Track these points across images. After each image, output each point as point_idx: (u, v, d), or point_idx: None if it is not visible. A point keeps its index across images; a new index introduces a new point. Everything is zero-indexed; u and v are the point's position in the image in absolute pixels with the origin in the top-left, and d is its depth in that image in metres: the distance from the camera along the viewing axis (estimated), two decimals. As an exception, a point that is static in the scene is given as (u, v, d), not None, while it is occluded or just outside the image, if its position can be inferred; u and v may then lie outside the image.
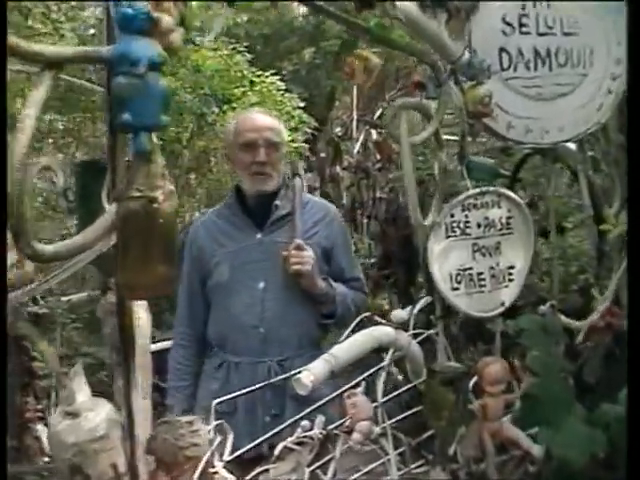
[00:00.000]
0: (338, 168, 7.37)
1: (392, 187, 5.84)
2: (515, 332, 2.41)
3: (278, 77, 7.55)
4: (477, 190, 2.28)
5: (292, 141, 6.71)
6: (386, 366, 2.28)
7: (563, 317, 2.55)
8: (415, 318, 2.35)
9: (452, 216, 2.26)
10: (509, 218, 2.36)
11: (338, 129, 8.79)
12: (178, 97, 6.18)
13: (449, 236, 2.26)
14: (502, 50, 2.40)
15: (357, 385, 2.27)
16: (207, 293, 2.78)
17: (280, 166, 2.79)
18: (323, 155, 7.86)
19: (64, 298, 5.33)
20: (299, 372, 1.96)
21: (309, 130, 7.17)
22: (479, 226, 2.30)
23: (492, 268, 2.33)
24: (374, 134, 6.68)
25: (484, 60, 2.10)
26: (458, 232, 2.27)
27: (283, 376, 2.43)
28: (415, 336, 2.35)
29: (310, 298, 2.77)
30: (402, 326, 2.27)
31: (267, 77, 7.42)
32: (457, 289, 2.27)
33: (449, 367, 2.35)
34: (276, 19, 10.29)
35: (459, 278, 2.27)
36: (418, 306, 2.35)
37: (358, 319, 2.27)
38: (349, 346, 2.08)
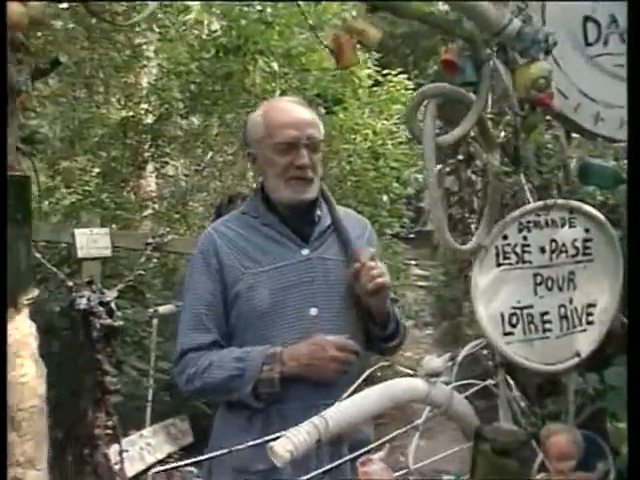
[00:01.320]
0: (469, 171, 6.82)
1: (515, 192, 5.20)
2: (597, 391, 1.85)
3: (405, 76, 7.14)
4: (540, 204, 1.73)
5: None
6: (420, 426, 1.79)
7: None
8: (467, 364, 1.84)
9: (505, 238, 1.72)
10: (587, 241, 1.79)
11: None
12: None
13: (501, 264, 1.73)
14: (587, 19, 1.85)
15: (381, 446, 1.79)
16: (234, 323, 2.22)
17: (320, 169, 2.28)
18: (460, 157, 7.32)
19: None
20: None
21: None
22: (543, 251, 1.75)
23: (563, 306, 1.77)
24: (502, 134, 6.07)
25: (539, 29, 1.55)
26: (514, 259, 1.73)
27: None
28: (465, 387, 1.83)
29: (362, 325, 2.26)
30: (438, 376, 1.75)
31: (395, 76, 7.03)
32: (511, 334, 1.73)
33: (504, 432, 1.80)
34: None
35: (514, 319, 1.73)
36: (464, 352, 1.82)
37: (375, 367, 1.76)
38: (354, 406, 1.60)
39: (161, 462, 5.00)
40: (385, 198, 6.31)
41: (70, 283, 4.15)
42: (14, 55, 4.77)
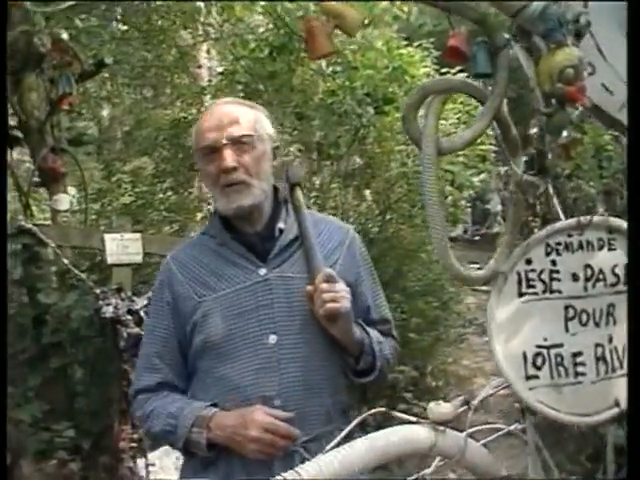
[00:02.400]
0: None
1: (576, 198, 4.85)
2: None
3: (465, 74, 6.83)
4: (571, 221, 1.43)
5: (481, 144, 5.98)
6: (428, 476, 1.53)
7: None
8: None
9: (529, 262, 1.43)
10: (631, 266, 1.48)
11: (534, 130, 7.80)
12: (337, 97, 5.63)
13: (524, 294, 1.44)
14: (637, 1, 1.54)
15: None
16: (190, 357, 1.97)
17: (261, 170, 1.95)
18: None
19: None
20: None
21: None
22: (576, 279, 1.45)
23: (600, 346, 1.47)
24: (564, 133, 5.68)
25: (568, 8, 1.25)
26: (540, 288, 1.44)
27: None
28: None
29: (335, 352, 1.97)
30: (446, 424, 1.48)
31: (454, 74, 6.71)
32: (535, 377, 1.44)
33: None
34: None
35: (539, 361, 1.44)
36: (480, 396, 1.54)
37: (366, 415, 1.49)
38: (337, 461, 1.33)
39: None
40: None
41: (97, 290, 3.98)
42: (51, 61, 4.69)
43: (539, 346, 1.44)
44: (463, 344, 6.93)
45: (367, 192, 6.61)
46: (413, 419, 1.46)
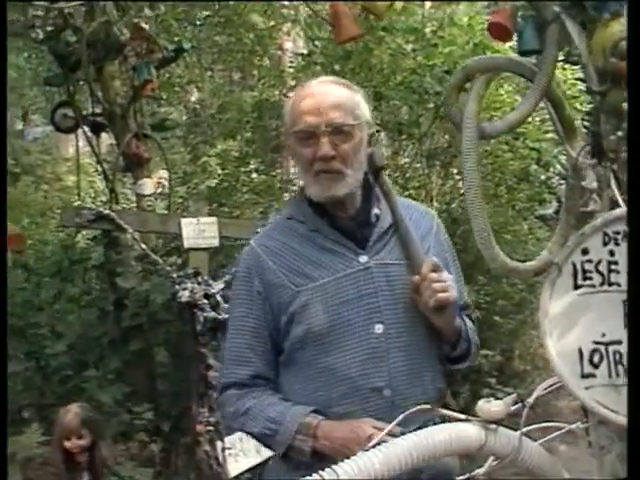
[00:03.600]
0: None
1: None
2: None
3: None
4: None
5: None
6: (480, 477, 1.46)
7: None
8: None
9: (585, 253, 1.33)
10: (701, 256, 1.35)
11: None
12: (417, 75, 5.51)
13: (580, 286, 1.34)
14: None
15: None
16: (287, 349, 1.88)
17: (357, 159, 1.89)
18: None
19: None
20: None
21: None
22: (638, 270, 1.33)
23: (665, 342, 1.35)
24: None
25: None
26: (597, 280, 1.34)
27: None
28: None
29: (435, 340, 1.91)
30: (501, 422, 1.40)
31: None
32: (591, 376, 1.34)
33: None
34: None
35: (597, 358, 1.34)
36: (535, 394, 1.45)
37: (410, 412, 1.41)
38: (378, 462, 1.27)
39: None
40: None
41: (174, 275, 4.02)
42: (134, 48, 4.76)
43: (596, 342, 1.34)
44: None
45: (454, 170, 6.46)
46: (462, 417, 1.39)
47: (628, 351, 1.12)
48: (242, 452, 4.70)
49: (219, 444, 4.00)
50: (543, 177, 6.33)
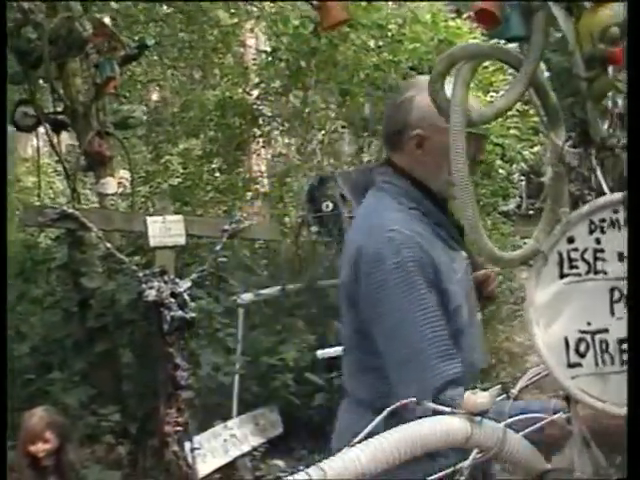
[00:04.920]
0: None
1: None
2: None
3: (516, 44, 6.61)
4: (617, 196, 1.31)
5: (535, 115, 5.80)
6: (464, 470, 1.44)
7: None
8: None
9: (571, 241, 1.32)
10: (686, 244, 1.35)
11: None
12: (382, 71, 5.51)
13: (565, 275, 1.33)
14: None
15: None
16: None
17: None
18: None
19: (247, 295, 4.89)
20: None
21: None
22: (622, 258, 1.33)
23: (651, 330, 1.35)
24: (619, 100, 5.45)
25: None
26: (583, 268, 1.33)
27: None
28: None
29: None
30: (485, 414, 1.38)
31: (505, 44, 6.51)
32: (578, 365, 1.33)
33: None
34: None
35: (583, 347, 1.33)
36: (520, 384, 1.44)
37: (395, 406, 1.39)
38: (364, 455, 1.25)
39: (246, 455, 4.82)
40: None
41: (140, 274, 3.95)
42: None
43: (582, 331, 1.32)
44: (515, 321, 6.78)
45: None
46: (447, 409, 1.37)
47: (628, 347, 1.11)
48: (210, 452, 4.66)
49: (187, 445, 3.95)
50: (505, 173, 6.39)
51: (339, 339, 2.24)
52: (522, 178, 10.16)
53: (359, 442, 1.32)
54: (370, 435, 1.30)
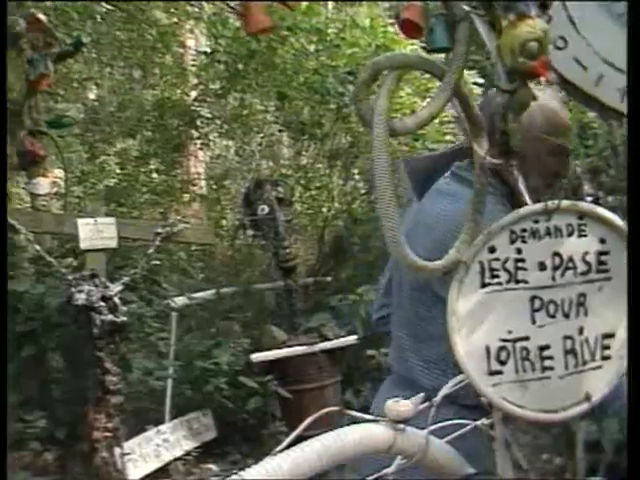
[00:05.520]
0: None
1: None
2: (617, 442, 1.47)
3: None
4: (537, 207, 1.34)
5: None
6: (390, 476, 1.45)
7: None
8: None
9: (492, 251, 1.33)
10: (602, 254, 1.38)
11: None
12: (320, 76, 5.51)
13: (487, 284, 1.34)
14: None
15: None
16: None
17: None
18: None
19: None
20: None
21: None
22: (543, 268, 1.35)
23: (569, 338, 1.38)
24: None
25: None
26: (504, 278, 1.34)
27: None
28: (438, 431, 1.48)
29: None
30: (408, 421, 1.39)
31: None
32: (499, 373, 1.34)
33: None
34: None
35: (504, 355, 1.35)
36: (443, 392, 1.45)
37: (319, 414, 1.39)
38: (285, 464, 1.24)
39: (179, 459, 4.77)
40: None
41: (70, 277, 3.87)
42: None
43: (503, 340, 1.34)
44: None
45: (355, 171, 6.52)
46: (370, 417, 1.37)
47: (628, 349, 1.13)
48: (142, 457, 4.59)
49: (117, 450, 3.88)
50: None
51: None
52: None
53: (280, 451, 1.31)
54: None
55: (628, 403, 1.29)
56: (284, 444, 1.33)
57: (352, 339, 5.11)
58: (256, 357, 4.87)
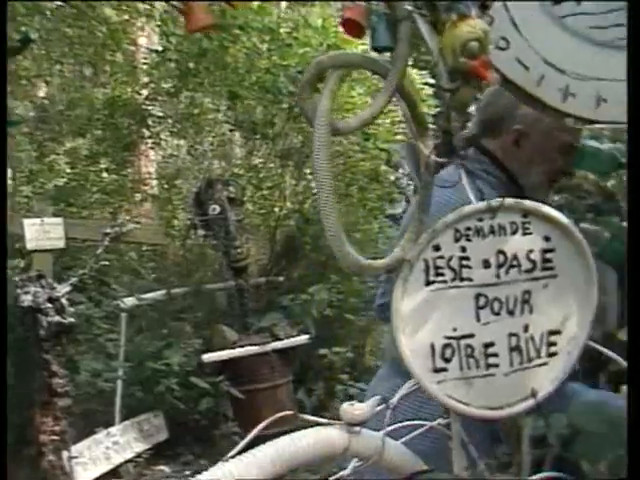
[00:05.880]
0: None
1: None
2: (563, 437, 1.49)
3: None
4: (481, 205, 1.35)
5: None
6: (346, 477, 1.45)
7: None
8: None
9: (437, 249, 1.34)
10: (547, 251, 1.40)
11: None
12: (272, 75, 5.49)
13: (431, 282, 1.35)
14: (553, -30, 1.47)
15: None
16: None
17: None
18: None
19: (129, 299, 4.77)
20: None
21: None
22: (488, 265, 1.36)
23: (514, 335, 1.39)
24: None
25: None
26: (449, 276, 1.35)
27: None
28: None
29: None
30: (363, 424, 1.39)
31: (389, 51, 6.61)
32: (443, 370, 1.35)
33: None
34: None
35: (448, 352, 1.36)
36: (399, 394, 1.46)
37: (273, 418, 1.38)
38: (237, 471, 1.23)
39: (130, 461, 4.72)
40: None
41: (16, 278, 3.80)
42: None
43: (448, 337, 1.35)
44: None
45: (307, 171, 6.52)
46: (325, 421, 1.37)
47: (628, 351, 1.14)
48: (91, 460, 4.53)
49: (65, 453, 3.83)
50: (393, 177, 6.50)
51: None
52: (410, 183, 10.39)
53: (232, 457, 1.29)
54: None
55: (628, 403, 1.29)
56: (237, 449, 1.31)
57: (304, 338, 5.12)
58: (208, 357, 4.84)
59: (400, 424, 1.47)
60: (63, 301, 3.79)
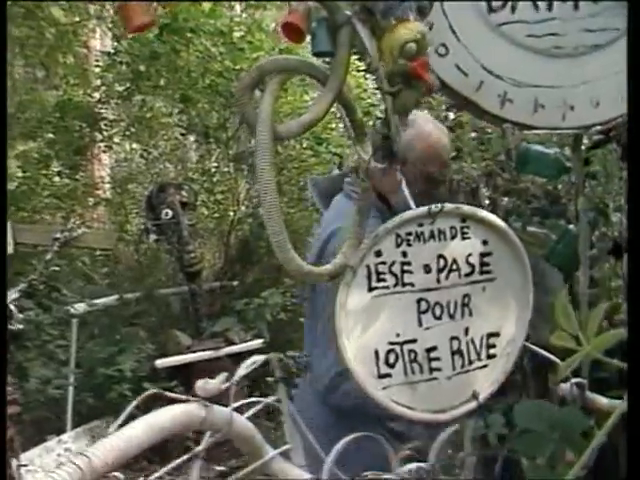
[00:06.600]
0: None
1: (459, 180, 4.83)
2: (502, 436, 1.50)
3: (357, 57, 6.74)
4: (422, 210, 1.36)
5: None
6: (200, 453, 1.48)
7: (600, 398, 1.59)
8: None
9: (379, 255, 1.35)
10: (485, 255, 1.42)
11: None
12: (224, 79, 5.47)
13: (374, 288, 1.35)
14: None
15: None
16: None
17: None
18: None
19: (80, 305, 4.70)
20: None
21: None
22: (428, 270, 1.38)
23: (455, 339, 1.41)
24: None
25: (408, -16, 1.17)
26: (390, 281, 1.36)
27: None
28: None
29: None
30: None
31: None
32: (387, 376, 1.36)
33: None
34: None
35: (392, 358, 1.37)
36: (240, 372, 1.52)
37: (141, 397, 1.40)
38: (121, 441, 1.24)
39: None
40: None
41: (-38, 284, 3.72)
42: None
43: (391, 343, 1.36)
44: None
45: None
46: (184, 397, 1.42)
47: (628, 351, 1.15)
48: (41, 468, 4.45)
49: (14, 462, 3.75)
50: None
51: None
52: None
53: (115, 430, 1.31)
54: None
55: (628, 404, 1.30)
56: (116, 423, 1.34)
57: (258, 343, 5.10)
58: (161, 363, 4.79)
59: (243, 401, 1.52)
60: (11, 307, 3.71)
